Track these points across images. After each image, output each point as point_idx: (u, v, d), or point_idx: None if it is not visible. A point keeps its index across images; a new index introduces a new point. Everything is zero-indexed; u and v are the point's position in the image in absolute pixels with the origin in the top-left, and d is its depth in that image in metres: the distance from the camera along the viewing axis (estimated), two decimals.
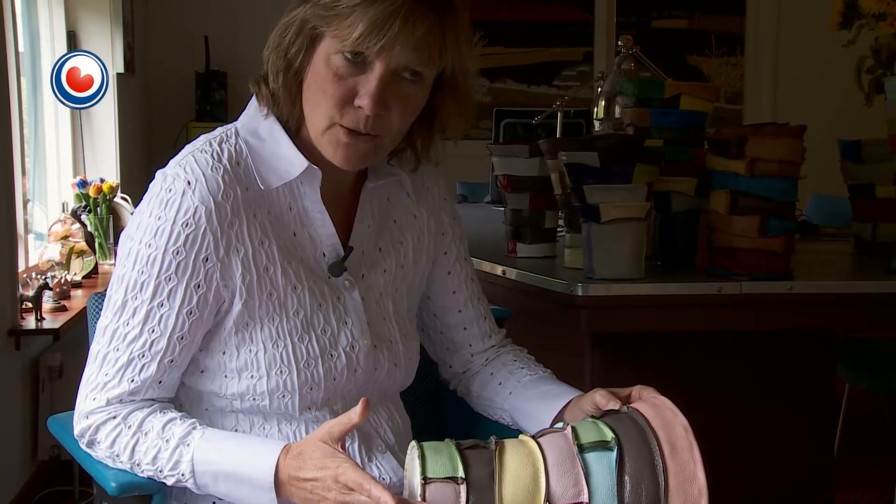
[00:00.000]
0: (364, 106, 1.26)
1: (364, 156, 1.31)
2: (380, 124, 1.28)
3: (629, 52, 3.15)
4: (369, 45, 1.23)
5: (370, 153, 1.32)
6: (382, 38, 1.23)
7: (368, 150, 1.31)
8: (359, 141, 1.29)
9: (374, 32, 1.23)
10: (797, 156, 2.30)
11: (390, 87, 1.27)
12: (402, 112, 1.30)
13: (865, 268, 2.61)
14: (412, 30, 1.24)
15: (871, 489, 3.11)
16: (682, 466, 1.14)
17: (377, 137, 1.30)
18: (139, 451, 1.30)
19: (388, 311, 1.42)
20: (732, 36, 6.40)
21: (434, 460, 1.16)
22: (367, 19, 1.22)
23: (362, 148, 1.30)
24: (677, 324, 2.35)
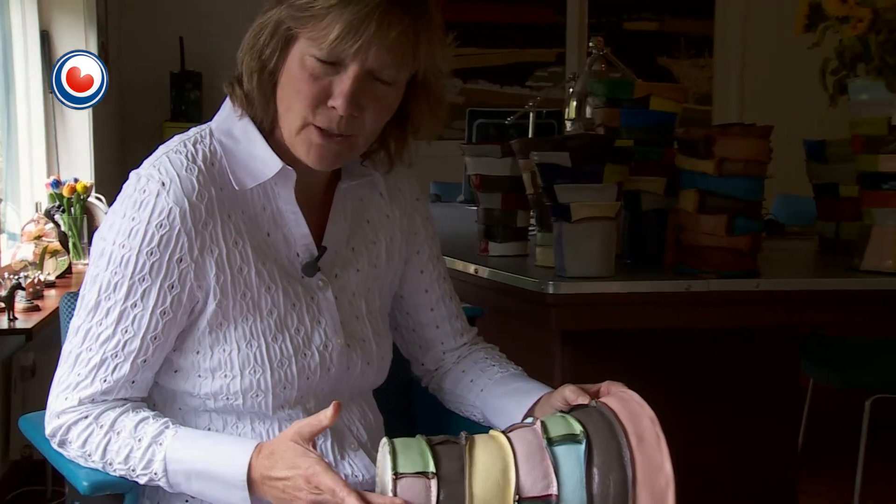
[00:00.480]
0: (338, 106, 1.26)
1: (337, 156, 1.31)
2: (353, 125, 1.28)
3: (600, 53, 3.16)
4: (345, 48, 1.23)
5: (343, 153, 1.32)
6: (358, 39, 1.23)
7: (342, 150, 1.31)
8: (332, 141, 1.29)
9: (350, 34, 1.22)
10: (764, 156, 2.31)
11: (364, 88, 1.27)
12: (376, 113, 1.30)
13: (829, 266, 2.62)
14: (387, 32, 1.24)
15: (833, 482, 3.14)
16: (650, 458, 1.15)
17: (350, 138, 1.30)
18: (111, 450, 1.29)
19: (361, 311, 1.42)
20: (701, 38, 6.42)
21: (405, 456, 1.16)
22: (342, 21, 1.22)
23: (335, 148, 1.30)
24: (646, 321, 2.36)
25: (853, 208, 2.59)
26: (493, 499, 1.14)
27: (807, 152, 2.84)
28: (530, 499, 1.14)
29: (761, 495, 2.77)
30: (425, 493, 1.14)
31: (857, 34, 2.35)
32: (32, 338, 3.10)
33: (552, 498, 1.14)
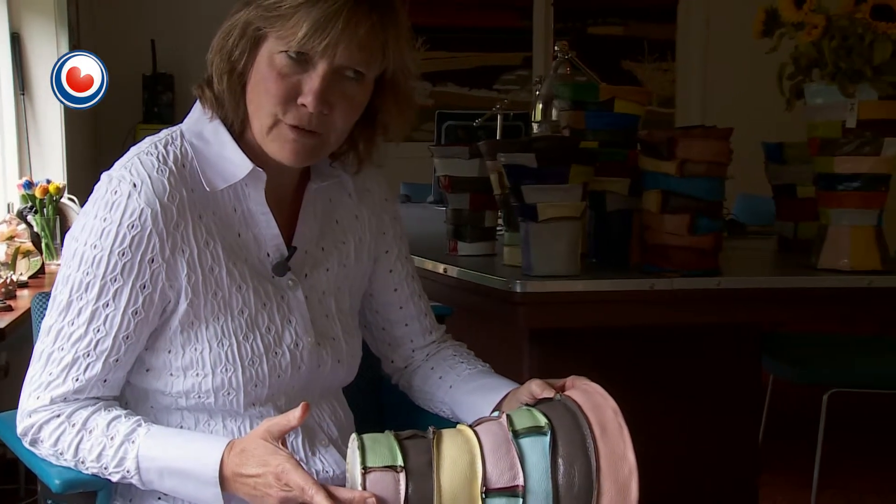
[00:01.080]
0: (308, 104, 1.26)
1: (311, 151, 1.31)
2: (323, 122, 1.28)
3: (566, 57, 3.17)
4: (314, 45, 1.23)
5: (316, 149, 1.31)
6: (326, 37, 1.22)
7: (314, 146, 1.30)
8: (304, 137, 1.28)
9: (318, 32, 1.22)
10: (724, 157, 2.32)
11: (333, 86, 1.26)
12: (345, 110, 1.30)
13: (788, 264, 2.64)
14: (355, 29, 1.24)
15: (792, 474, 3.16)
16: (613, 447, 1.15)
17: (322, 135, 1.29)
18: (83, 448, 1.28)
19: (331, 309, 1.41)
20: (664, 42, 6.46)
21: (374, 451, 1.16)
22: (310, 19, 1.22)
23: (308, 144, 1.29)
24: (611, 319, 2.37)
25: (810, 208, 2.61)
26: (460, 491, 1.14)
27: (766, 154, 2.86)
28: (497, 490, 1.15)
29: (723, 487, 2.79)
30: (394, 487, 1.14)
31: (811, 40, 2.37)
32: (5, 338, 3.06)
33: (518, 489, 1.14)
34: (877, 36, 2.30)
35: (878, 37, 2.30)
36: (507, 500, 1.14)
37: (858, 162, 2.40)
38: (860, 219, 2.43)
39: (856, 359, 3.10)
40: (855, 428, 3.74)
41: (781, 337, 3.27)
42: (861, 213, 2.43)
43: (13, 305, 3.18)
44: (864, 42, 2.31)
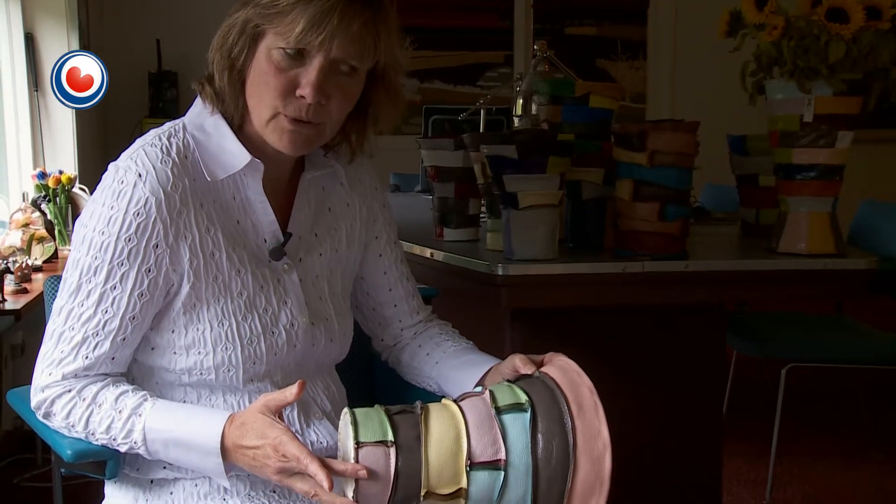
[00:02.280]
0: (306, 95, 1.25)
1: (307, 141, 1.30)
2: (320, 112, 1.27)
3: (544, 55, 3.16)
4: (310, 40, 1.22)
5: (313, 139, 1.30)
6: (322, 32, 1.22)
7: (311, 135, 1.29)
8: (302, 128, 1.27)
9: (315, 27, 1.21)
10: (692, 149, 2.32)
11: (329, 78, 1.26)
12: (340, 101, 1.29)
13: (751, 248, 2.65)
14: (349, 24, 1.23)
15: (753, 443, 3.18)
16: (589, 424, 1.15)
17: (319, 125, 1.28)
18: (93, 421, 1.28)
19: (324, 292, 1.41)
20: (636, 42, 6.46)
21: (365, 426, 1.15)
22: (307, 15, 1.21)
23: (306, 134, 1.28)
24: (587, 299, 2.37)
25: (771, 196, 2.61)
26: (446, 464, 1.14)
27: (730, 146, 2.86)
28: (481, 463, 1.14)
29: (690, 456, 2.80)
30: (385, 461, 1.13)
31: (772, 40, 2.37)
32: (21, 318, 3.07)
33: (500, 463, 1.14)
34: (831, 37, 2.30)
35: (833, 37, 2.30)
36: (489, 473, 1.14)
37: (815, 153, 2.41)
38: (816, 206, 2.44)
39: (812, 335, 3.11)
40: (811, 399, 3.76)
41: (744, 315, 3.28)
42: (817, 200, 2.44)
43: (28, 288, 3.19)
44: (819, 42, 2.31)
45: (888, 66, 2.35)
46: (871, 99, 2.38)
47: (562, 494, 1.14)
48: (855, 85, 2.36)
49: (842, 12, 2.31)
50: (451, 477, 1.14)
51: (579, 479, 1.13)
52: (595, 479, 1.14)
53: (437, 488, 1.14)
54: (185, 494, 1.33)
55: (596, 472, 1.14)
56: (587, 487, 1.14)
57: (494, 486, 1.14)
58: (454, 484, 1.14)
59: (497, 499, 1.15)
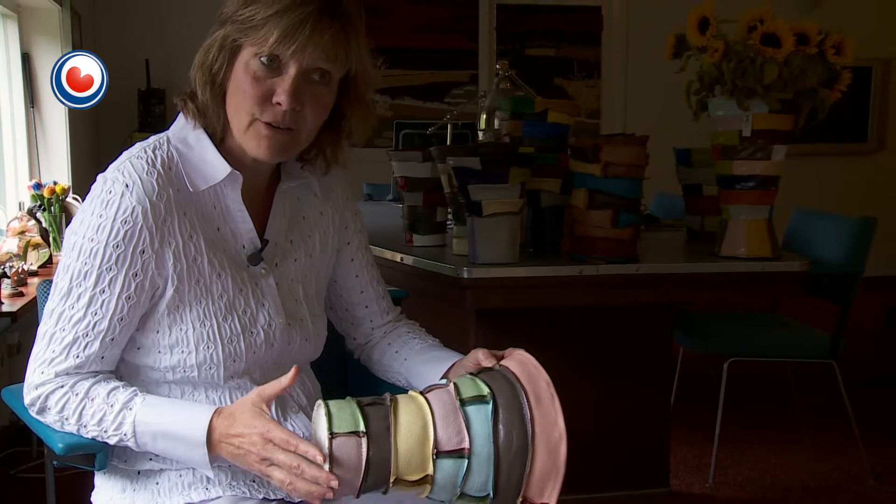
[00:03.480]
0: (282, 102, 1.24)
1: (284, 147, 1.28)
2: (295, 119, 1.26)
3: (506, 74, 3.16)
4: (284, 49, 1.21)
5: (288, 145, 1.29)
6: (295, 41, 1.21)
7: (287, 142, 1.28)
8: (278, 134, 1.26)
9: (289, 37, 1.20)
10: (642, 161, 2.34)
11: (303, 87, 1.24)
12: (314, 109, 1.27)
13: (696, 252, 2.67)
14: (321, 34, 1.22)
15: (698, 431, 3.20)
16: (546, 415, 1.15)
17: (294, 131, 1.27)
18: (86, 414, 1.26)
19: (300, 294, 1.40)
20: (591, 63, 6.49)
21: (339, 417, 1.14)
22: (281, 27, 1.20)
23: (282, 140, 1.27)
24: (546, 300, 2.37)
25: (714, 205, 2.63)
26: (414, 453, 1.14)
27: (676, 158, 2.88)
28: (446, 452, 1.14)
29: (640, 443, 2.81)
30: (357, 450, 1.13)
31: (713, 62, 2.39)
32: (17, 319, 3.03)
33: (465, 451, 1.14)
34: (765, 59, 2.32)
35: (767, 60, 2.32)
36: (454, 461, 1.14)
37: (753, 165, 2.43)
38: (754, 214, 2.46)
39: (751, 332, 3.13)
40: (749, 391, 3.79)
41: (689, 314, 3.30)
42: (755, 209, 2.46)
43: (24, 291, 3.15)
44: (755, 64, 2.33)
45: (816, 87, 2.38)
46: (802, 116, 2.41)
47: (521, 480, 1.14)
48: (787, 104, 2.39)
49: (775, 38, 2.33)
50: (418, 464, 1.14)
51: (537, 466, 1.13)
52: (552, 466, 1.14)
53: (406, 475, 1.14)
54: (169, 484, 1.32)
55: (552, 459, 1.14)
56: (544, 474, 1.14)
57: (458, 472, 1.14)
58: (421, 471, 1.14)
59: (461, 484, 1.14)
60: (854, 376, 3.30)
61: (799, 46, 2.35)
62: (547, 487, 1.14)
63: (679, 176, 2.89)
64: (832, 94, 2.42)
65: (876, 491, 2.95)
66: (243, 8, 1.23)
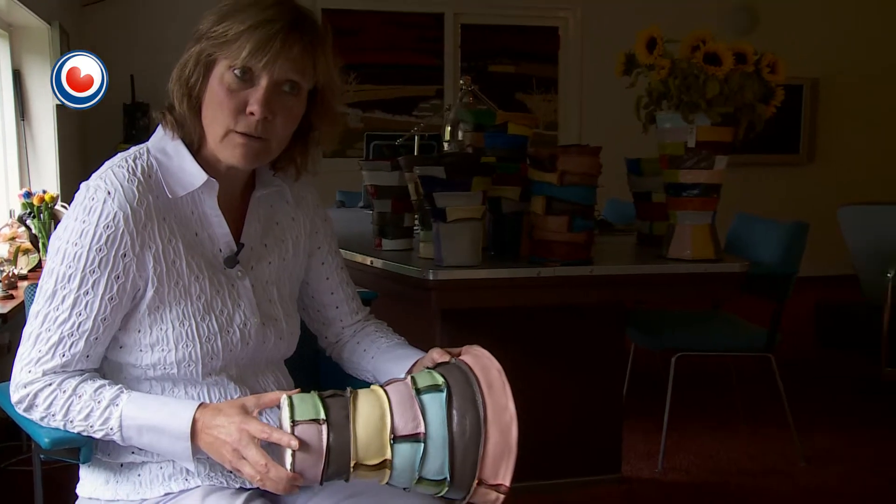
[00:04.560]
0: (255, 111, 1.22)
1: (257, 155, 1.27)
2: (268, 128, 1.25)
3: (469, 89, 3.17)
4: (256, 62, 1.20)
5: (261, 153, 1.28)
6: (267, 54, 1.20)
7: (260, 150, 1.27)
8: (252, 142, 1.25)
9: (260, 51, 1.20)
10: (595, 170, 2.35)
11: (274, 98, 1.24)
12: (285, 119, 1.26)
13: (645, 255, 2.68)
14: (291, 48, 1.21)
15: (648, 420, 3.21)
16: (497, 400, 1.14)
17: (266, 140, 1.26)
18: (73, 410, 1.23)
19: (274, 295, 1.38)
20: (549, 79, 6.52)
21: (301, 407, 1.13)
22: (253, 41, 1.20)
23: (255, 148, 1.26)
24: (507, 300, 2.38)
25: (662, 211, 2.65)
26: (373, 439, 1.13)
27: (627, 167, 2.89)
28: (403, 437, 1.13)
29: (595, 432, 2.82)
30: (318, 437, 1.11)
31: (660, 78, 2.41)
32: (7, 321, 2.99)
33: (420, 436, 1.13)
34: (708, 76, 2.35)
35: (709, 77, 2.35)
36: (411, 446, 1.13)
37: (697, 174, 2.45)
38: (699, 219, 2.48)
39: (696, 329, 3.16)
40: (695, 383, 3.82)
41: (640, 313, 3.32)
42: (699, 214, 2.48)
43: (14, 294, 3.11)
44: (699, 81, 2.36)
45: (753, 102, 2.41)
46: (741, 129, 2.44)
47: (475, 463, 1.13)
48: (728, 117, 2.41)
49: (716, 57, 2.36)
50: (377, 449, 1.13)
51: (490, 448, 1.13)
52: (504, 446, 1.13)
53: (365, 460, 1.13)
54: (150, 476, 1.29)
55: (505, 440, 1.13)
56: (497, 454, 1.13)
57: (416, 456, 1.13)
58: (380, 456, 1.13)
59: (419, 469, 1.14)
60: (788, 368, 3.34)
61: (737, 65, 2.37)
62: (501, 468, 1.14)
63: (630, 184, 2.90)
64: (768, 109, 2.45)
65: (806, 472, 2.99)
66: (217, 25, 1.22)
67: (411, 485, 1.16)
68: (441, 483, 1.15)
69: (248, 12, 1.21)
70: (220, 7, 1.24)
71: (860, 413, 3.66)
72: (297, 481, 1.13)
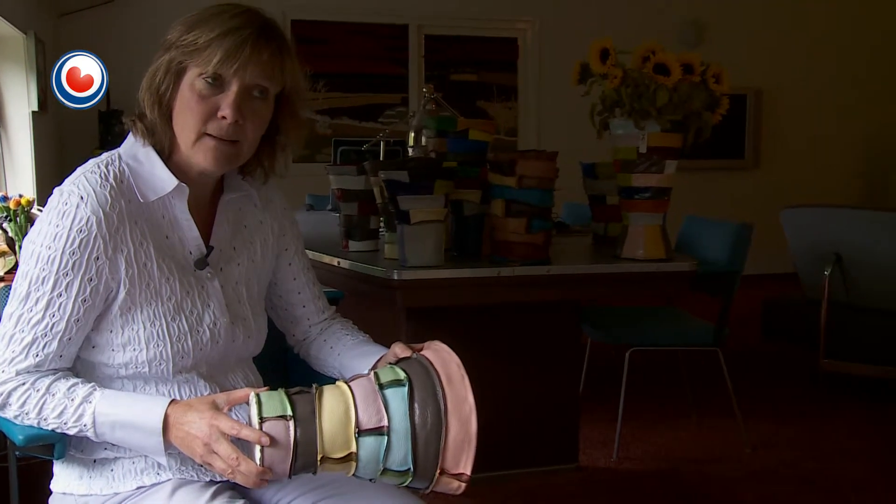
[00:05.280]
0: (227, 115, 1.22)
1: (228, 158, 1.26)
2: (238, 132, 1.24)
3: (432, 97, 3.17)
4: (227, 69, 1.20)
5: (232, 157, 1.26)
6: (237, 61, 1.19)
7: (231, 153, 1.25)
8: (223, 145, 1.24)
9: (231, 57, 1.19)
10: (552, 174, 2.36)
11: (244, 102, 1.23)
12: (254, 123, 1.25)
13: (600, 255, 2.70)
14: (259, 54, 1.21)
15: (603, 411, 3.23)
16: (457, 392, 1.14)
17: (237, 144, 1.25)
18: (47, 408, 1.21)
19: (243, 296, 1.37)
20: (508, 87, 6.54)
21: (268, 404, 1.13)
22: (223, 48, 1.19)
23: (226, 151, 1.25)
24: (468, 298, 2.38)
25: (616, 213, 2.67)
26: (338, 433, 1.12)
27: (583, 171, 2.91)
28: (367, 430, 1.13)
29: (553, 424, 2.84)
30: (285, 432, 1.11)
31: (613, 87, 2.43)
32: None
33: (384, 429, 1.13)
34: (657, 86, 2.37)
35: (659, 86, 2.37)
36: (375, 438, 1.13)
37: (648, 178, 2.47)
38: (650, 220, 2.51)
39: (648, 324, 3.18)
40: (648, 375, 3.85)
41: (596, 309, 3.34)
42: (651, 216, 2.51)
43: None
44: (649, 90, 2.38)
45: (700, 110, 2.44)
46: (690, 136, 2.47)
47: (437, 453, 1.13)
48: (677, 124, 2.44)
49: (665, 67, 2.38)
50: (342, 443, 1.12)
51: (451, 438, 1.13)
52: (464, 436, 1.13)
53: (332, 453, 1.12)
54: (123, 471, 1.28)
55: (465, 430, 1.13)
56: (458, 444, 1.13)
57: (380, 448, 1.13)
58: (346, 449, 1.12)
59: (383, 460, 1.13)
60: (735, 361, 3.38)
61: (685, 75, 2.40)
62: (462, 458, 1.13)
63: (585, 187, 2.92)
64: (714, 117, 2.48)
65: (752, 458, 3.03)
66: (187, 33, 1.21)
67: (377, 476, 1.15)
68: (405, 473, 1.15)
69: (217, 20, 1.20)
70: (188, 17, 1.23)
71: (801, 401, 3.72)
72: (266, 475, 1.12)
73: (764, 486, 2.79)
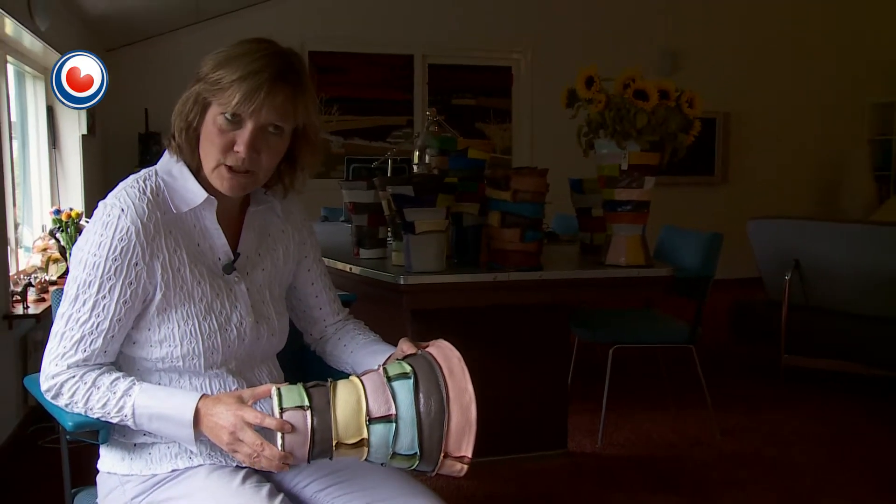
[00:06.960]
0: (241, 151, 1.22)
1: (242, 186, 1.26)
2: (253, 163, 1.24)
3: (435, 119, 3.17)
4: (244, 109, 1.19)
5: (247, 184, 1.27)
6: (254, 103, 1.19)
7: (246, 182, 1.26)
8: (238, 175, 1.24)
9: (248, 100, 1.18)
10: (543, 188, 2.36)
11: (259, 138, 1.23)
12: (269, 155, 1.25)
13: (587, 262, 2.70)
14: (274, 98, 1.20)
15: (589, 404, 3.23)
16: (458, 383, 1.14)
17: (251, 173, 1.25)
18: (92, 399, 1.21)
19: (266, 297, 1.37)
20: (504, 110, 6.55)
21: (287, 396, 1.13)
22: (242, 90, 1.18)
23: (241, 181, 1.25)
24: (468, 301, 2.38)
25: (601, 224, 2.67)
26: (351, 421, 1.12)
27: (571, 186, 2.92)
28: (377, 418, 1.13)
29: (544, 414, 2.83)
30: (303, 421, 1.11)
31: (598, 111, 2.43)
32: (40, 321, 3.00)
33: (392, 416, 1.13)
34: (637, 110, 2.38)
35: (639, 111, 2.37)
36: (384, 426, 1.13)
37: (630, 192, 2.47)
38: (632, 231, 2.50)
39: (630, 324, 3.18)
40: (630, 370, 3.84)
41: (583, 311, 3.33)
42: (632, 227, 2.50)
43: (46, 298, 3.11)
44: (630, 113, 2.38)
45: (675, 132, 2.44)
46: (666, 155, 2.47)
47: (441, 437, 1.13)
48: (655, 144, 2.44)
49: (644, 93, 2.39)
50: (355, 430, 1.12)
51: (453, 424, 1.13)
52: (465, 423, 1.13)
53: (345, 439, 1.12)
54: (160, 455, 1.28)
55: (465, 418, 1.13)
56: (460, 430, 1.13)
57: (389, 434, 1.13)
58: (358, 435, 1.12)
59: (392, 445, 1.13)
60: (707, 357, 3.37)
61: (662, 100, 2.41)
62: (463, 442, 1.13)
63: (573, 200, 2.92)
64: (688, 138, 2.49)
65: (722, 443, 3.02)
66: (214, 71, 1.21)
67: (387, 460, 1.15)
68: (412, 457, 1.15)
69: (240, 62, 1.20)
70: (219, 53, 1.23)
71: (765, 393, 3.71)
72: (287, 459, 1.12)
73: (732, 468, 2.78)
